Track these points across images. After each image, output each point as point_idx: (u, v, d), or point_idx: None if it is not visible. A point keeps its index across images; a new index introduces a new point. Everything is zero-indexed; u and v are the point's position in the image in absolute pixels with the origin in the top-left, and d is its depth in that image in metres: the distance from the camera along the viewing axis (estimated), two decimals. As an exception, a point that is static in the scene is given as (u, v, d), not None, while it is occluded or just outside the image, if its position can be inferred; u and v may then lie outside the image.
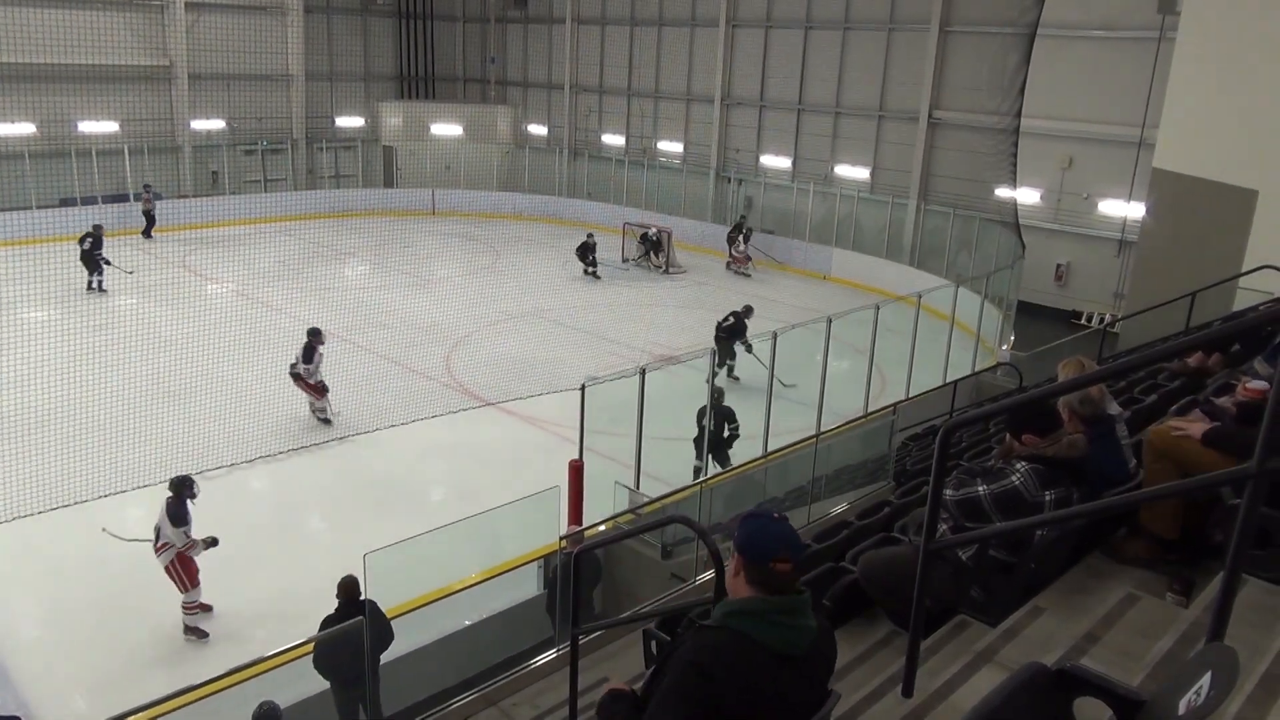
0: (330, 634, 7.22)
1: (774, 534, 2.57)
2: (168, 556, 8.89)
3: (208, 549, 9.02)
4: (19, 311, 18.13)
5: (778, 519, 2.61)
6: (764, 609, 2.48)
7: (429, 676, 7.68)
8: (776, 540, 2.55)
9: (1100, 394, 4.30)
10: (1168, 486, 3.89)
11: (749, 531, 2.58)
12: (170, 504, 8.83)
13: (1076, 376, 4.31)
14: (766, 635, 2.45)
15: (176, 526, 8.78)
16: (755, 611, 2.48)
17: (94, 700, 7.69)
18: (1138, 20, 19.30)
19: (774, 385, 11.93)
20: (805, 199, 26.40)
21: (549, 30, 33.51)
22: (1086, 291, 21.27)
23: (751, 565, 2.53)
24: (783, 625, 2.47)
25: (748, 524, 2.61)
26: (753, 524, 2.61)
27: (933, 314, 15.11)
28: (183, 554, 8.91)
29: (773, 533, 2.58)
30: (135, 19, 27.87)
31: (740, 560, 2.56)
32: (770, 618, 2.47)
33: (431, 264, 25.06)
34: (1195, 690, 2.02)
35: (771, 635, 2.46)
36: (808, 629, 2.51)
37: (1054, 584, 4.00)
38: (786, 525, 2.60)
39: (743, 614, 2.49)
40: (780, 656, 2.45)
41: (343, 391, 14.18)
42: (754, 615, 2.48)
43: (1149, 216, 14.08)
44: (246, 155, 30.39)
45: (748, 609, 2.50)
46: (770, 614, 2.48)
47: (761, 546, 2.53)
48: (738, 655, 2.43)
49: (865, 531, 6.13)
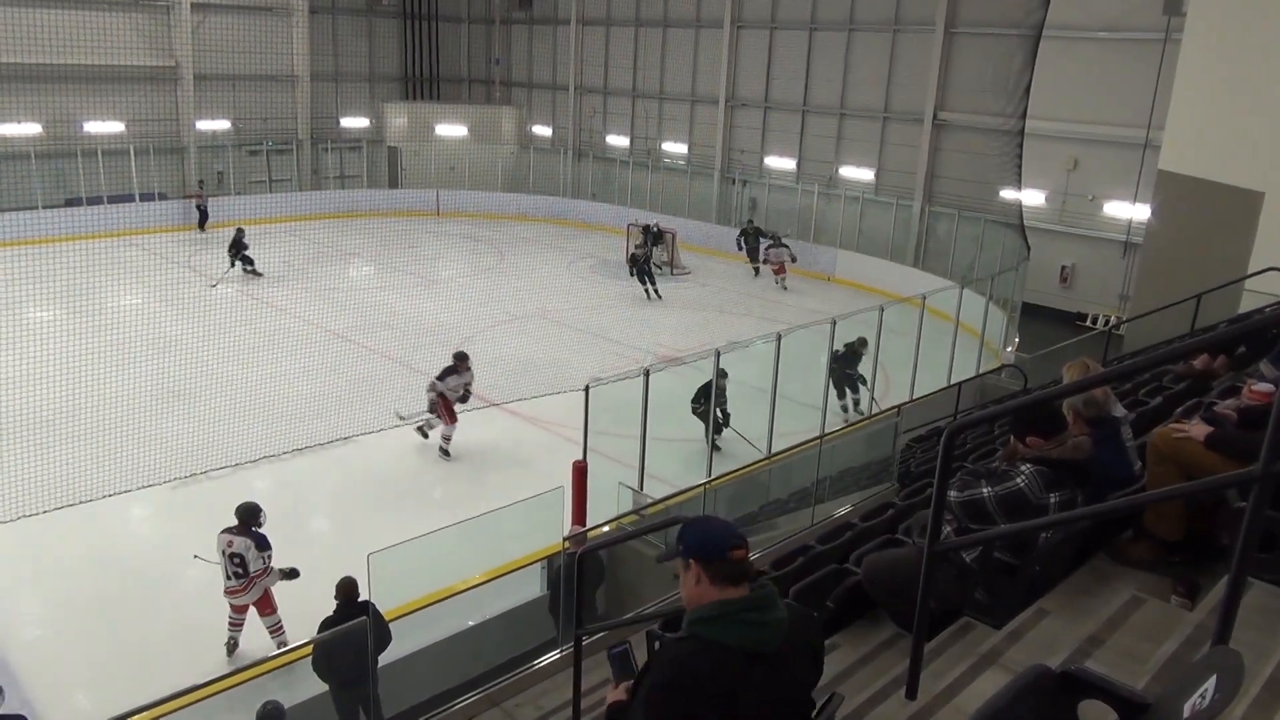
0: (329, 635, 7.23)
1: (719, 528, 2.59)
2: (263, 586, 8.46)
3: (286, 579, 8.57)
4: (25, 311, 18.20)
5: (712, 517, 2.65)
6: (731, 610, 2.44)
7: (432, 677, 7.69)
8: (723, 532, 2.56)
9: (1105, 396, 4.30)
10: (1173, 489, 3.88)
11: (697, 534, 2.58)
12: (245, 531, 8.37)
13: (1081, 379, 4.31)
14: (737, 637, 2.41)
15: (265, 550, 8.38)
16: (722, 615, 2.44)
17: (98, 699, 7.69)
18: (1143, 21, 19.26)
19: (773, 389, 11.93)
20: (810, 200, 26.38)
21: (554, 31, 33.53)
22: (1091, 293, 21.23)
23: (710, 564, 2.50)
24: (752, 624, 2.43)
25: (691, 529, 2.61)
26: (696, 527, 2.61)
27: (937, 315, 15.10)
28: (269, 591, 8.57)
29: (717, 527, 2.59)
30: (141, 19, 27.94)
31: (697, 566, 2.52)
32: (738, 618, 2.43)
33: (436, 265, 25.09)
34: (1200, 693, 2.01)
35: (742, 636, 2.42)
36: (778, 622, 2.46)
37: (1058, 586, 3.99)
38: (723, 519, 2.63)
39: (710, 620, 2.45)
40: (754, 655, 2.41)
41: (347, 391, 14.20)
42: (722, 619, 2.44)
43: (1154, 218, 14.05)
44: (251, 156, 30.46)
45: (714, 614, 2.45)
46: (738, 614, 2.43)
47: (714, 542, 2.52)
48: (710, 664, 2.39)
49: (869, 533, 6.13)
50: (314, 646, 7.23)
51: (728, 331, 18.35)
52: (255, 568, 8.35)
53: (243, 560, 8.32)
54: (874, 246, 25.00)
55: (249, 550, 8.30)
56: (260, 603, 8.56)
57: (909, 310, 14.49)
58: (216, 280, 21.56)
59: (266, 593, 8.53)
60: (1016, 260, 19.26)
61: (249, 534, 8.37)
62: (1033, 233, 20.56)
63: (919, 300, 14.17)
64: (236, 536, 8.35)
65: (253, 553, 8.32)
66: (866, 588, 4.47)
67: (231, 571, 8.38)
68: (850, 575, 4.81)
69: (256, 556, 8.33)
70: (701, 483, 10.78)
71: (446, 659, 8.20)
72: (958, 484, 3.91)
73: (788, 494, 11.04)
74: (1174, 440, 4.05)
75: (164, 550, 10.36)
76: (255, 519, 8.47)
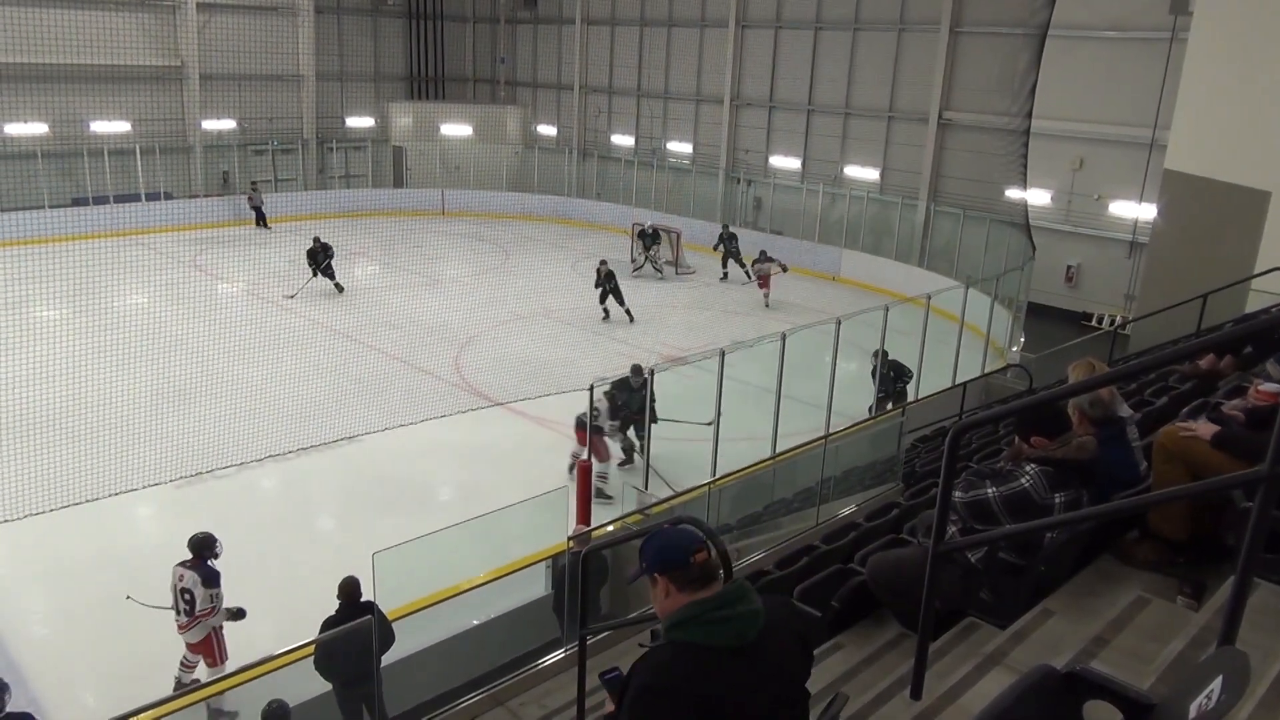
0: (331, 635, 7.23)
1: (675, 537, 2.60)
2: (207, 626, 7.78)
3: (232, 620, 7.90)
4: (31, 310, 18.26)
5: (666, 527, 2.66)
6: (702, 610, 2.45)
7: (437, 676, 7.69)
8: (681, 540, 2.57)
9: (1111, 396, 4.29)
10: (1178, 489, 3.87)
11: (655, 548, 2.59)
12: (196, 565, 7.72)
13: (1087, 378, 4.29)
14: (712, 635, 2.43)
15: (212, 587, 7.71)
16: (694, 616, 2.45)
17: (103, 697, 7.71)
18: (1149, 21, 19.21)
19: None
20: (815, 200, 26.35)
21: (559, 31, 33.54)
22: (1097, 293, 21.18)
23: (674, 574, 2.53)
24: (726, 620, 2.44)
25: (648, 545, 2.62)
26: (653, 542, 2.62)
27: (942, 315, 15.07)
28: (216, 631, 7.87)
29: (672, 536, 2.61)
30: (147, 19, 28.02)
31: (663, 579, 2.55)
32: (710, 615, 2.44)
33: (441, 264, 25.12)
34: (1206, 694, 2.01)
35: (717, 634, 2.43)
36: (753, 614, 2.47)
37: (1064, 586, 3.98)
38: (678, 527, 2.64)
39: (683, 623, 2.47)
40: (733, 651, 2.42)
41: (352, 390, 14.22)
42: (694, 620, 2.45)
43: (1160, 218, 14.02)
44: (257, 155, 30.51)
45: (686, 616, 2.47)
46: (709, 612, 2.45)
47: (673, 552, 2.55)
48: (689, 665, 2.40)
49: (874, 533, 6.13)
50: (316, 646, 7.23)
51: (732, 331, 18.34)
52: (201, 606, 7.65)
53: (191, 596, 7.63)
54: (879, 246, 24.97)
55: (196, 586, 7.62)
56: (203, 646, 7.78)
57: (914, 310, 14.45)
58: (295, 291, 20.62)
59: (210, 637, 7.78)
60: (1022, 260, 19.22)
61: (200, 567, 7.68)
62: (1038, 232, 20.52)
63: (924, 300, 14.13)
64: (188, 570, 7.69)
65: (200, 589, 7.61)
66: (871, 588, 4.47)
67: (182, 608, 7.69)
68: (855, 575, 4.81)
69: (204, 594, 7.62)
70: (705, 482, 10.77)
71: (451, 658, 8.21)
72: (963, 484, 3.90)
73: (792, 494, 11.02)
74: (1180, 440, 4.03)
75: (169, 549, 10.34)
76: (210, 550, 7.76)
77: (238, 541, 9.26)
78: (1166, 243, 13.67)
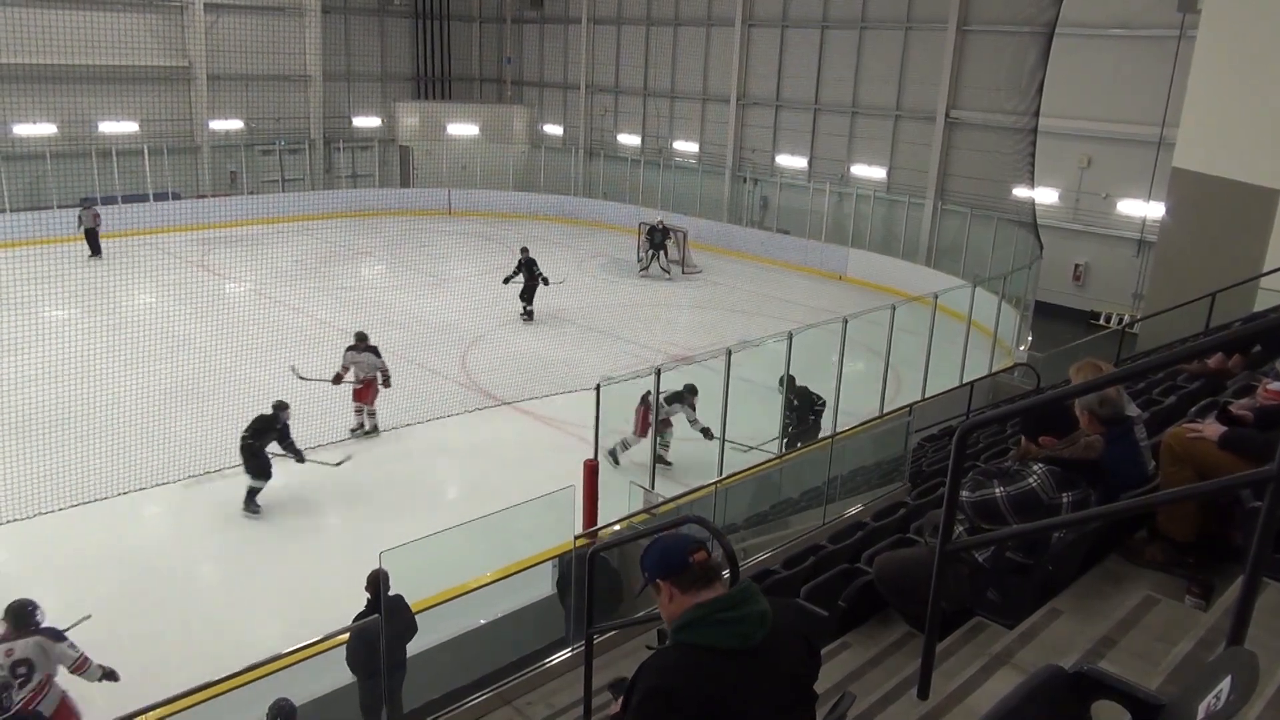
0: (363, 625, 7.25)
1: (672, 542, 2.63)
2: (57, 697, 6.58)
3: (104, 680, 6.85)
4: (39, 310, 18.33)
5: (662, 534, 2.70)
6: (706, 612, 2.46)
7: (443, 675, 7.70)
8: (678, 544, 2.60)
9: (1118, 395, 4.27)
10: (1186, 489, 3.86)
11: (654, 556, 2.62)
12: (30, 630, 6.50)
13: (1095, 378, 4.28)
14: (716, 637, 2.43)
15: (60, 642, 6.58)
16: (699, 618, 2.46)
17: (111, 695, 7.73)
18: (1157, 19, 19.14)
19: None
20: (821, 199, 26.32)
21: (565, 30, 33.57)
22: (1105, 292, 21.11)
23: (676, 578, 2.55)
24: (732, 621, 2.44)
25: (648, 555, 2.64)
26: (652, 550, 2.65)
27: (949, 314, 15.04)
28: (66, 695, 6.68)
29: (669, 542, 2.64)
30: (154, 20, 28.11)
31: (666, 584, 2.58)
32: (715, 617, 2.45)
33: (447, 263, 25.13)
34: (1215, 694, 2.00)
35: (723, 635, 2.43)
36: (760, 615, 2.47)
37: (1071, 586, 3.98)
38: (675, 531, 2.70)
39: (688, 625, 2.48)
40: (738, 652, 2.42)
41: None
42: (699, 622, 2.46)
43: (1168, 216, 13.96)
44: (264, 155, 30.61)
45: (693, 618, 2.48)
46: (715, 614, 2.45)
47: (671, 558, 2.58)
48: (695, 667, 2.41)
49: (881, 533, 6.13)
50: (350, 637, 7.25)
51: (739, 330, 18.33)
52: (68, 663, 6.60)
53: (30, 665, 6.39)
54: (886, 245, 24.93)
55: (40, 653, 6.42)
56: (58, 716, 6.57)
57: (921, 309, 14.43)
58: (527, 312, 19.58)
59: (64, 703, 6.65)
60: (1029, 259, 19.17)
61: (33, 632, 6.50)
62: (1046, 231, 20.46)
63: (931, 299, 14.11)
64: (15, 642, 6.40)
65: (55, 650, 6.52)
66: (878, 587, 4.46)
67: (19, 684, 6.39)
68: (862, 575, 4.81)
69: (60, 653, 6.55)
70: (712, 481, 10.77)
71: (458, 657, 8.22)
72: (970, 483, 3.90)
73: (799, 493, 11.01)
74: (1188, 440, 4.02)
75: (177, 548, 10.43)
76: (31, 618, 6.57)
77: (245, 540, 9.30)
78: (1175, 241, 13.61)
